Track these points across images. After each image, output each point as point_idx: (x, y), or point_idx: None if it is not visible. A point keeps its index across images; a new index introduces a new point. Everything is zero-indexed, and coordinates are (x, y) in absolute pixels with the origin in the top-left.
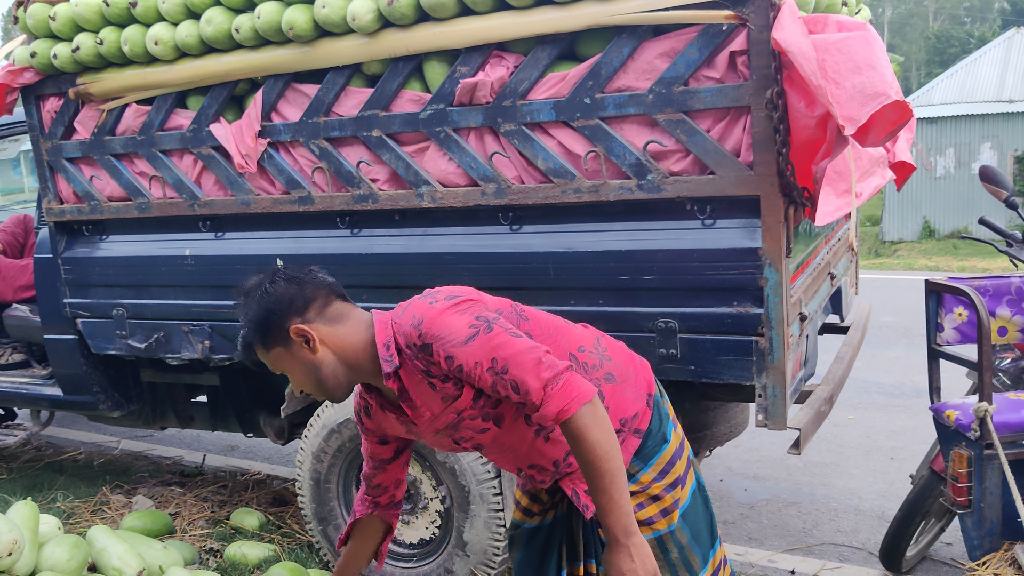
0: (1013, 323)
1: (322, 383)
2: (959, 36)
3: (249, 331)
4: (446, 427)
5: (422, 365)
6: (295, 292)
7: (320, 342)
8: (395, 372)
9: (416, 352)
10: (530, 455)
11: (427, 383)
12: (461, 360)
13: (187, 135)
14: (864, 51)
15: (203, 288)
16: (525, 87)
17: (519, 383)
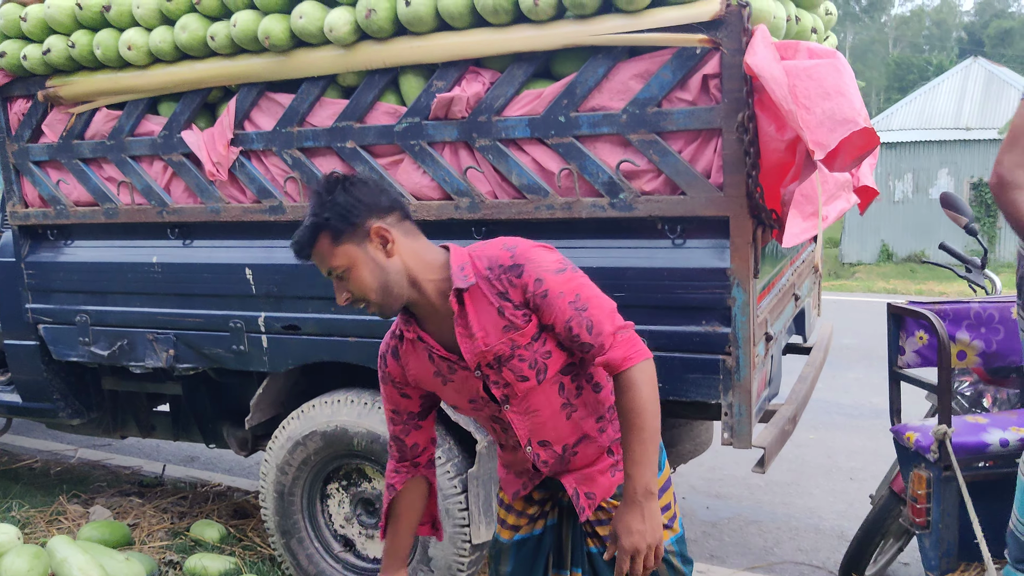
0: (972, 347)
1: (387, 288)
2: (918, 63)
3: (329, 218)
4: (494, 359)
5: (500, 287)
6: (381, 195)
7: (397, 248)
8: (466, 290)
9: (500, 273)
10: (546, 426)
11: (496, 308)
12: (548, 285)
13: (158, 141)
14: (834, 78)
15: (169, 296)
16: (501, 103)
17: (594, 323)
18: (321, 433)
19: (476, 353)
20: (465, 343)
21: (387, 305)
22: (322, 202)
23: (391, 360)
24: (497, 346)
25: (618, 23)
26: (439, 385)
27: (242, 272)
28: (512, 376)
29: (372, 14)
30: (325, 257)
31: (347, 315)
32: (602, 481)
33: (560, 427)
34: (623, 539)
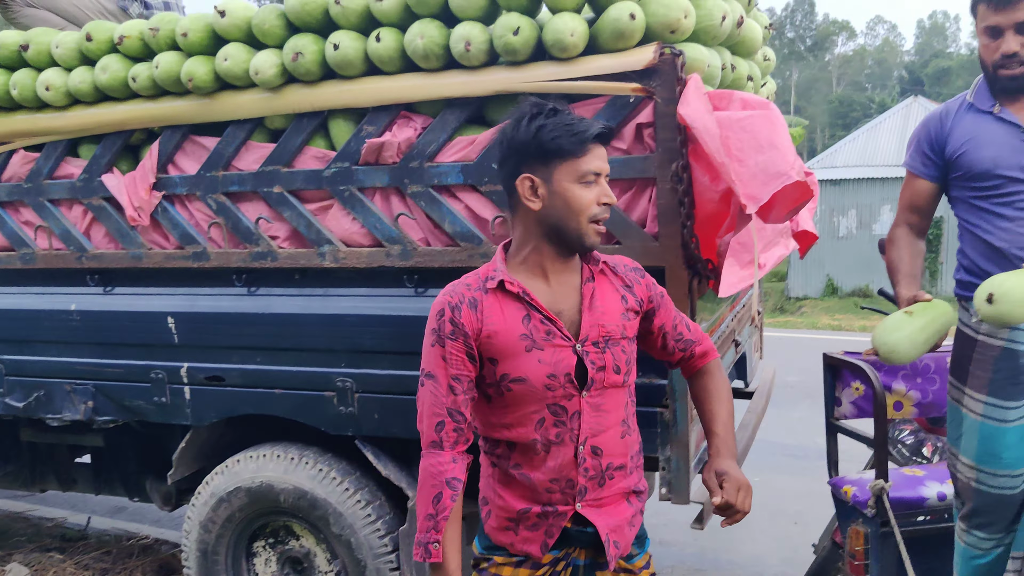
0: (909, 397)
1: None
2: (861, 101)
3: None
4: (603, 338)
5: (627, 280)
6: None
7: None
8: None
9: (627, 270)
10: (606, 434)
11: (620, 294)
12: (662, 290)
13: (77, 185)
14: (767, 130)
15: (88, 345)
16: (433, 149)
17: (691, 324)
18: (246, 489)
19: (593, 324)
20: (587, 312)
21: None
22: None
23: (467, 311)
24: (612, 326)
25: (551, 71)
26: (520, 351)
27: (164, 321)
28: (611, 361)
29: (299, 57)
30: (604, 156)
31: (273, 366)
32: (627, 534)
33: (614, 441)
34: (736, 476)
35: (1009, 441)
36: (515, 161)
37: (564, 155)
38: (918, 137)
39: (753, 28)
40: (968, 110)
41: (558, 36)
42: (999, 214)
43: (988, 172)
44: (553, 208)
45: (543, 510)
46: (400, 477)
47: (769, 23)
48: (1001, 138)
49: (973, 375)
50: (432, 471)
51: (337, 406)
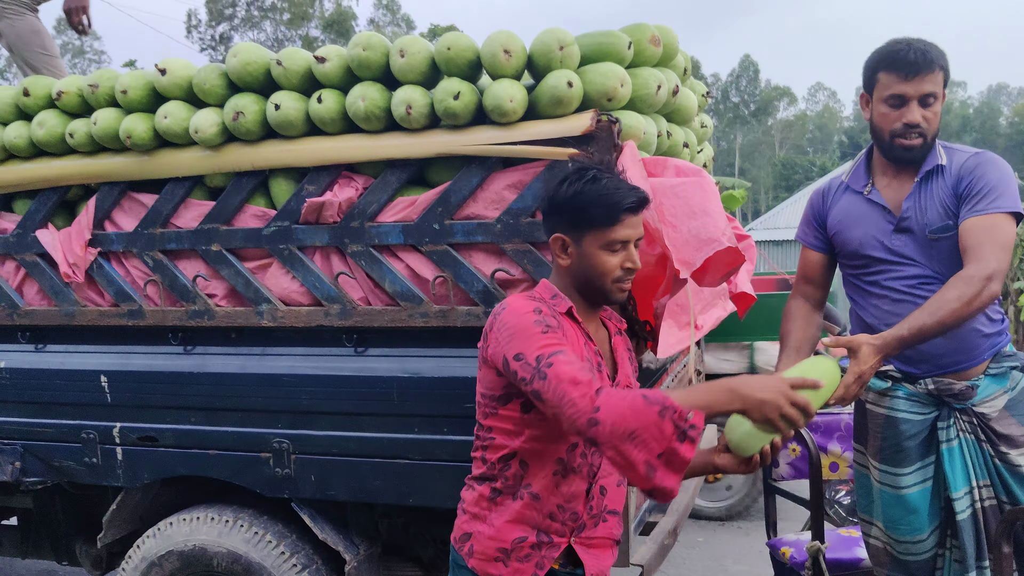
0: (844, 459)
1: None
2: (803, 164)
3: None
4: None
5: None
6: None
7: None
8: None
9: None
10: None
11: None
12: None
13: (10, 240)
14: (699, 197)
15: (17, 404)
16: (374, 209)
17: None
18: (178, 553)
19: (624, 374)
20: (622, 361)
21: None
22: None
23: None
24: (633, 380)
25: (491, 134)
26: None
27: (97, 379)
28: None
29: (240, 116)
30: (640, 226)
31: (209, 426)
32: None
33: (615, 488)
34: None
35: (910, 506)
36: (553, 220)
37: (594, 224)
38: (807, 211)
39: (688, 97)
40: (845, 190)
41: (498, 102)
42: (869, 291)
43: (856, 252)
44: (581, 267)
45: (538, 539)
46: (337, 540)
47: (707, 91)
48: (869, 219)
49: (870, 442)
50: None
51: (273, 467)
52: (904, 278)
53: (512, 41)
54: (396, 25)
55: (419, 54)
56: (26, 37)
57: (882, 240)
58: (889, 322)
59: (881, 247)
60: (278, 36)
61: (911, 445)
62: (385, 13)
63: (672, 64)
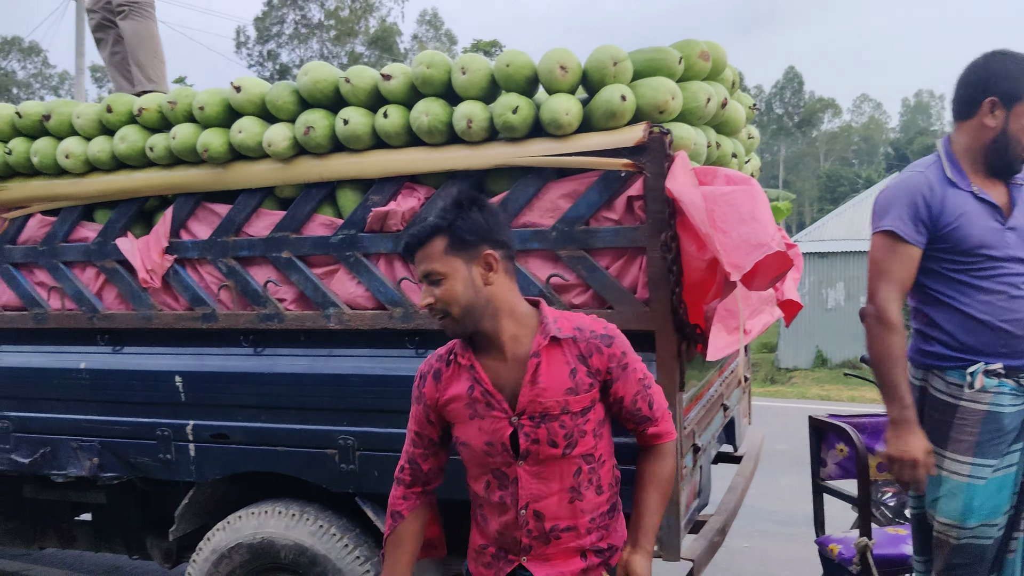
0: None
1: (472, 310)
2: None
3: (454, 226)
4: (540, 413)
5: (585, 350)
6: (506, 229)
7: (496, 280)
8: (555, 341)
9: (591, 337)
10: (548, 499)
11: (569, 368)
12: (630, 359)
13: (92, 248)
14: (749, 204)
15: (96, 403)
16: None
17: (654, 400)
18: (247, 545)
19: (530, 399)
20: (527, 386)
21: (463, 324)
22: (455, 209)
23: (431, 381)
24: (550, 402)
25: (547, 146)
26: (465, 418)
27: (172, 379)
28: (546, 436)
29: (311, 131)
30: (431, 259)
31: (277, 424)
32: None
33: (560, 506)
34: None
35: (989, 492)
36: None
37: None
38: (908, 203)
39: (737, 109)
40: (949, 186)
41: (554, 115)
42: (980, 287)
43: (973, 250)
44: None
45: (496, 552)
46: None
47: (753, 103)
48: (983, 218)
49: (955, 439)
50: (389, 501)
51: (339, 463)
52: (1016, 275)
53: (568, 58)
54: (439, 41)
55: (480, 71)
56: (146, 40)
57: (995, 238)
58: (1004, 318)
59: (999, 245)
60: (324, 53)
61: (1010, 437)
62: (428, 29)
63: (721, 78)
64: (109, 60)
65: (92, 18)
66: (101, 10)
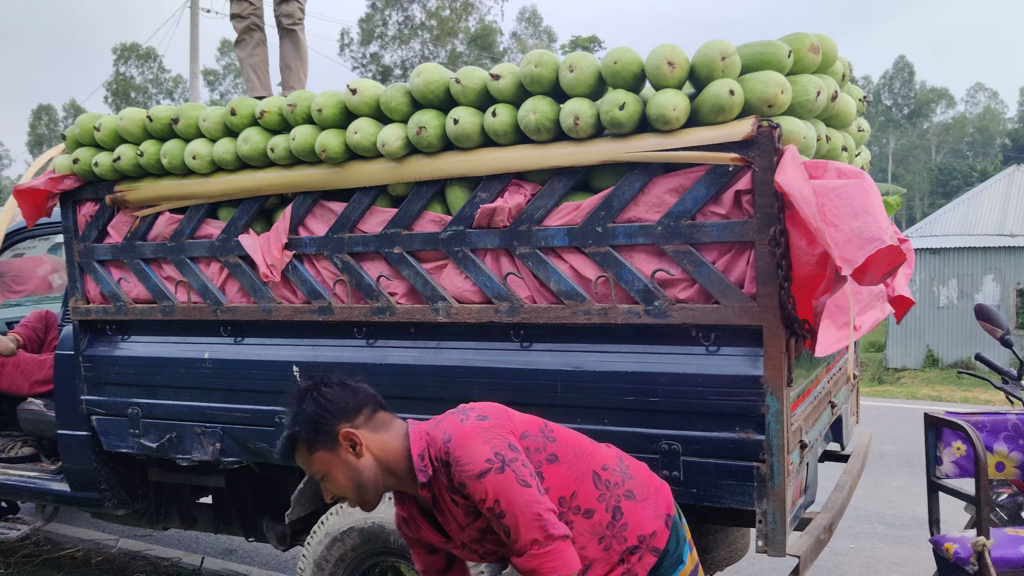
0: (1010, 459)
1: (362, 487)
2: (961, 169)
3: (300, 430)
4: (471, 541)
5: (445, 481)
6: (348, 398)
7: (366, 448)
8: (429, 483)
9: (442, 466)
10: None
11: (451, 498)
12: (471, 490)
13: (216, 244)
14: (861, 198)
15: (219, 391)
16: (541, 214)
17: (511, 530)
18: (359, 530)
19: (456, 531)
20: (446, 524)
21: (365, 501)
22: (294, 415)
23: (406, 528)
24: (468, 529)
25: (654, 142)
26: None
27: (289, 369)
28: (494, 547)
29: (422, 131)
30: (306, 464)
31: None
32: None
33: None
34: None
35: None
36: None
37: None
38: None
39: (847, 102)
40: None
41: (661, 111)
42: None
43: None
44: None
45: None
46: None
47: (863, 96)
48: None
49: None
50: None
51: None
52: None
53: (676, 53)
54: (538, 38)
55: (587, 69)
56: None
57: None
58: None
59: None
60: (425, 54)
61: None
62: (527, 27)
63: (831, 70)
64: (247, 60)
65: (240, 23)
66: (252, 16)
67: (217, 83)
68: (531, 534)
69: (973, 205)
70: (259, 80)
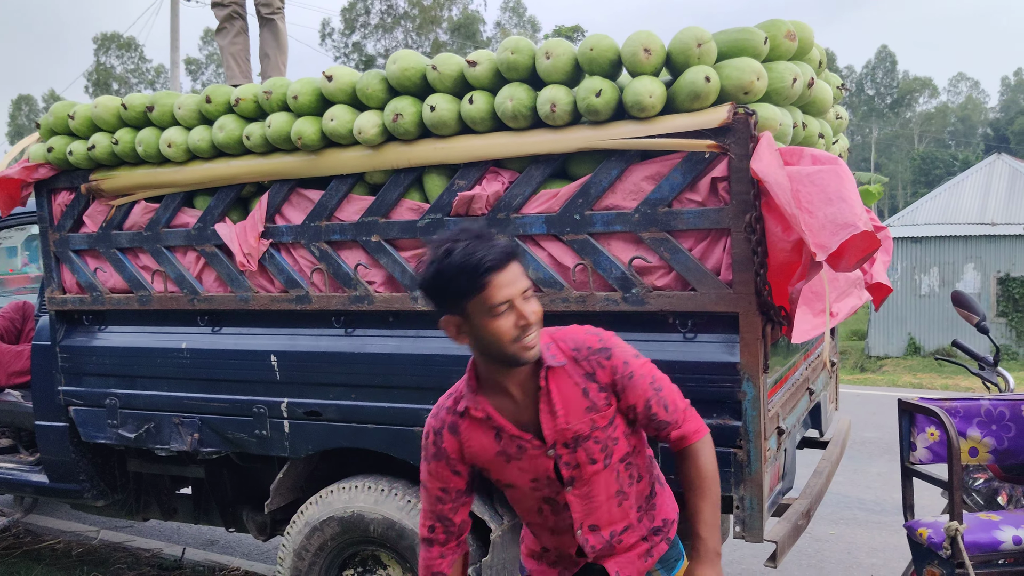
0: (984, 444)
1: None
2: (943, 158)
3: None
4: (572, 439)
5: (588, 368)
6: None
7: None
8: (553, 369)
9: (589, 354)
10: (600, 511)
11: (581, 388)
12: (634, 368)
13: (192, 233)
14: (835, 184)
15: (196, 381)
16: (519, 202)
17: (669, 402)
18: (338, 519)
19: (557, 431)
20: (547, 420)
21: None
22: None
23: (448, 436)
24: (578, 425)
25: (631, 128)
26: (501, 463)
27: (267, 359)
28: (584, 457)
29: (399, 118)
30: (515, 281)
31: (366, 402)
32: (639, 565)
33: (611, 513)
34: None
35: None
36: (433, 305)
37: (467, 295)
38: None
39: (824, 89)
40: None
41: (637, 97)
42: None
43: None
44: (479, 340)
45: (556, 559)
46: (483, 510)
47: (842, 83)
48: None
49: None
50: (424, 564)
51: None
52: None
53: (651, 40)
54: (522, 28)
55: (564, 55)
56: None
57: None
58: None
59: None
60: (408, 42)
61: None
62: (511, 16)
63: (808, 57)
64: (228, 48)
65: (221, 11)
66: (233, 4)
67: (200, 72)
68: (684, 400)
69: (954, 194)
70: (239, 69)
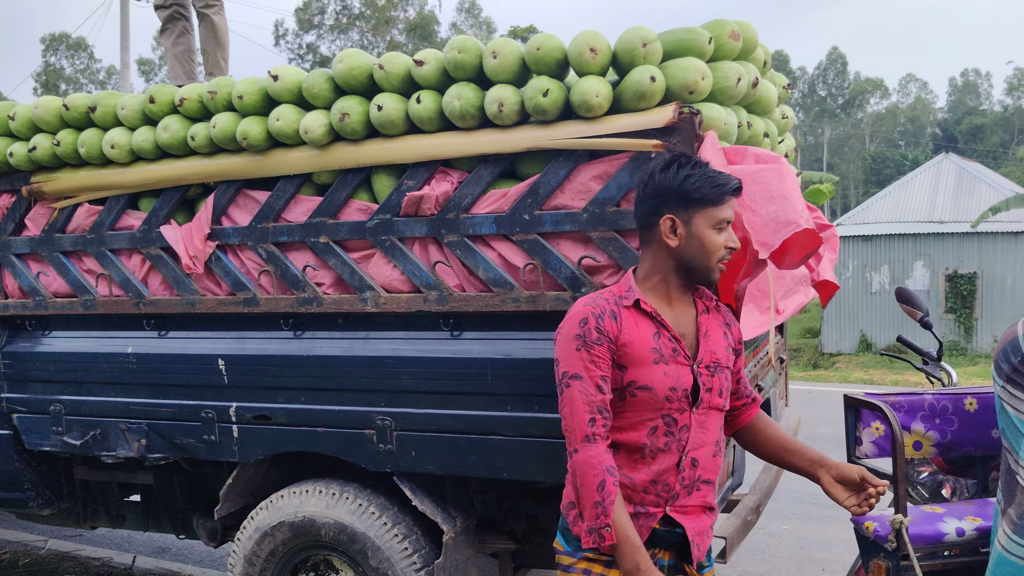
0: (928, 438)
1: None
2: (894, 158)
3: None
4: (713, 364)
5: (728, 320)
6: None
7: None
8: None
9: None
10: (704, 448)
11: (723, 330)
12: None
13: (137, 235)
14: (777, 182)
15: (143, 386)
16: (468, 202)
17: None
18: (289, 524)
19: (707, 350)
20: (703, 339)
21: None
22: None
23: (609, 321)
24: (721, 355)
25: (578, 128)
26: (648, 362)
27: (215, 363)
28: (717, 385)
29: (346, 117)
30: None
31: (317, 405)
32: (707, 540)
33: (709, 458)
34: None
35: None
36: (657, 202)
37: (705, 203)
38: None
39: (768, 88)
40: None
41: (584, 97)
42: None
43: None
44: (688, 247)
45: (635, 510)
46: (436, 512)
47: (787, 83)
48: None
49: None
50: (592, 462)
51: (377, 444)
52: None
53: (598, 40)
54: (478, 28)
55: (511, 55)
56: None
57: None
58: None
59: None
60: (363, 43)
61: None
62: (467, 17)
63: (752, 57)
64: (171, 49)
65: (163, 12)
66: (174, 4)
67: (153, 73)
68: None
69: (904, 193)
70: (183, 69)
